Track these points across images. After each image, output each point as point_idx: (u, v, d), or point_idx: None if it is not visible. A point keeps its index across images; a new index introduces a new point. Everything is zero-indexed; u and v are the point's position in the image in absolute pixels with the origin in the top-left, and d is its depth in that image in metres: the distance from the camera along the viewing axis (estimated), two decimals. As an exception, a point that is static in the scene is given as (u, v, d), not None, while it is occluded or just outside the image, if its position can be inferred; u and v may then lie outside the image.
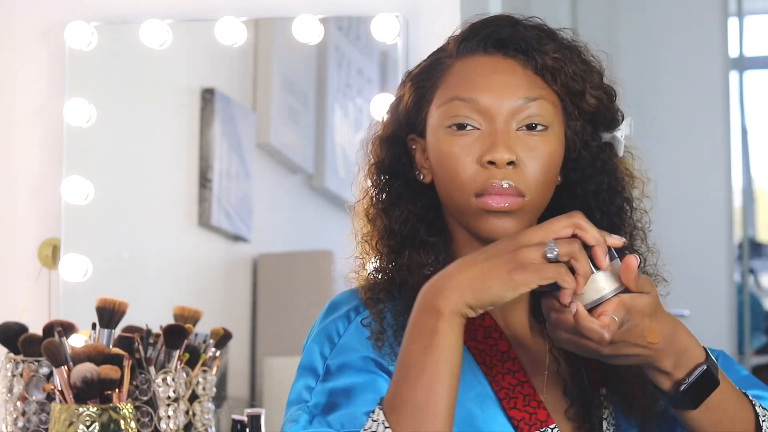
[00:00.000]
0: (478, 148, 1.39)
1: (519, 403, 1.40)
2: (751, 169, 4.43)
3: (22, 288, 2.60)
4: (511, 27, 1.42)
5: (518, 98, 1.39)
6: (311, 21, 2.54)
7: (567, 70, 1.41)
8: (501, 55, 1.41)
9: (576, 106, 1.43)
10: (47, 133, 2.62)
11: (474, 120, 1.39)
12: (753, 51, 4.44)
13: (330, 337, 1.44)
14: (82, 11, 2.62)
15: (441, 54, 1.46)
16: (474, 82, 1.40)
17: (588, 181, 1.46)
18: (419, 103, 1.45)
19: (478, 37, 1.42)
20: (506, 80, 1.40)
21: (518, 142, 1.39)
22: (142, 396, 2.13)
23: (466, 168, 1.39)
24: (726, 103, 4.21)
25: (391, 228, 1.47)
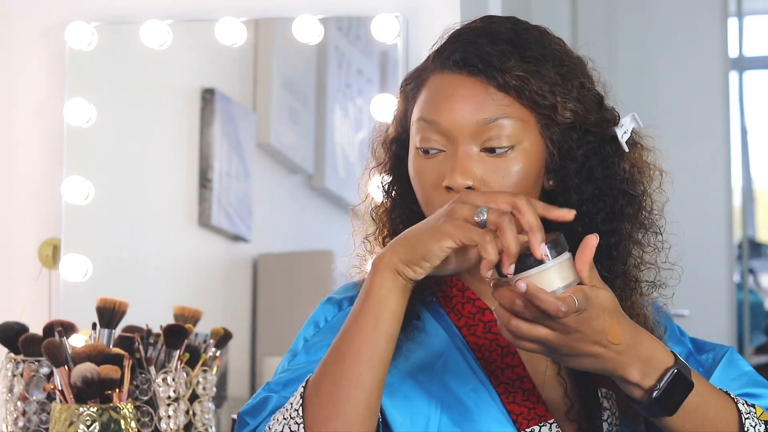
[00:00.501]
0: (441, 171, 1.39)
1: (518, 397, 1.40)
2: (751, 169, 4.44)
3: (23, 288, 2.60)
4: (476, 42, 1.40)
5: (476, 120, 1.38)
6: (311, 21, 2.54)
7: (532, 87, 1.38)
8: (466, 72, 1.40)
9: (549, 119, 1.40)
10: (47, 133, 2.62)
11: (438, 142, 1.40)
12: (753, 51, 4.44)
13: (316, 322, 1.46)
14: (83, 11, 2.62)
15: (427, 61, 1.46)
16: (436, 103, 1.40)
17: (571, 191, 1.43)
18: (406, 113, 1.47)
19: (448, 53, 1.42)
20: (465, 102, 1.39)
21: (480, 163, 1.38)
22: (143, 396, 2.13)
23: (431, 190, 1.40)
24: (726, 103, 4.21)
25: (395, 229, 1.47)
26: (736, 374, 1.48)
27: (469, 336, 1.43)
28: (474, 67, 1.39)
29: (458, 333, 1.44)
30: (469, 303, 1.46)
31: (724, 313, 4.18)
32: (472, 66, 1.39)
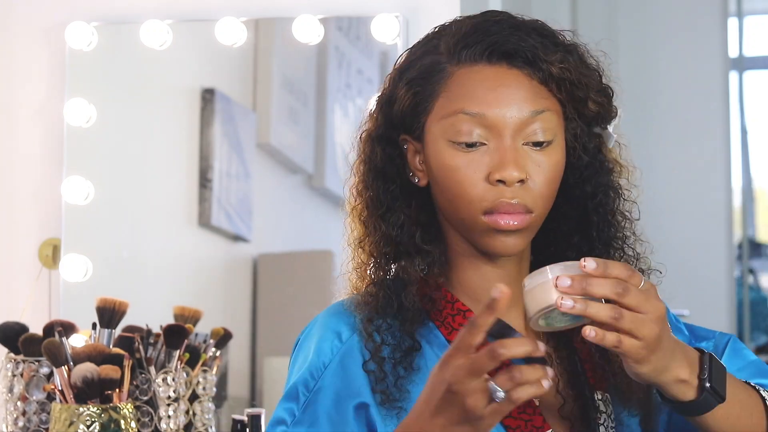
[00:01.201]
0: (486, 164, 1.36)
1: (513, 410, 1.35)
2: (751, 169, 4.43)
3: (23, 288, 2.60)
4: (514, 34, 1.38)
5: (525, 112, 1.36)
6: (311, 21, 2.54)
7: (572, 79, 1.38)
8: (505, 64, 1.37)
9: (578, 112, 1.40)
10: (47, 133, 2.62)
11: (480, 135, 1.36)
12: (753, 51, 4.43)
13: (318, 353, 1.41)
14: (83, 11, 2.62)
15: (436, 56, 1.40)
16: (480, 96, 1.36)
17: (586, 183, 1.44)
18: (416, 109, 1.41)
19: (481, 46, 1.37)
20: (513, 93, 1.36)
21: (526, 158, 1.36)
22: (143, 396, 2.13)
23: (473, 185, 1.36)
24: (726, 103, 4.21)
25: (388, 234, 1.43)
26: (742, 364, 1.48)
27: None
28: (518, 59, 1.37)
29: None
30: (459, 315, 1.43)
31: (724, 313, 4.18)
32: (517, 57, 1.36)
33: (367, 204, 1.45)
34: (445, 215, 1.42)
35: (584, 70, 1.40)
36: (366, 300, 1.42)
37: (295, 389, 1.40)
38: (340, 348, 1.40)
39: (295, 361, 1.45)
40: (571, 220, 1.44)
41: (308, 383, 1.39)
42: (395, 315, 1.40)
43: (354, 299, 1.44)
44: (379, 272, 1.43)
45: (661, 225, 3.80)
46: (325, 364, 1.39)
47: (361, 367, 1.38)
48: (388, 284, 1.42)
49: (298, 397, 1.39)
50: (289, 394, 1.40)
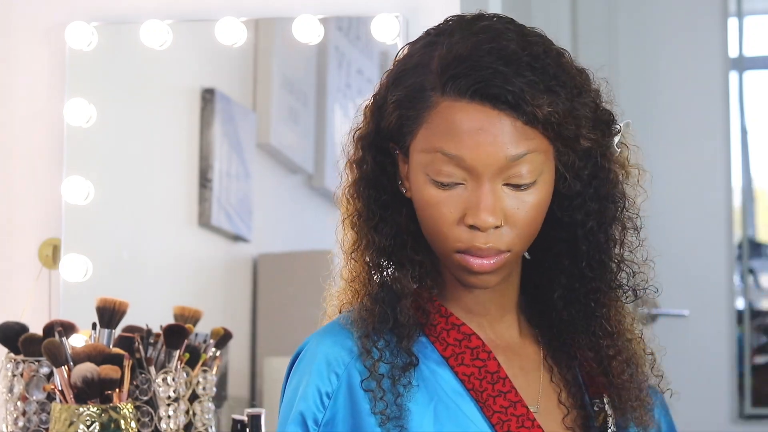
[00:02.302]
0: (462, 204, 1.33)
1: (512, 425, 1.36)
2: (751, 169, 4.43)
3: (23, 288, 2.60)
4: (501, 73, 1.30)
5: (506, 157, 1.30)
6: (311, 21, 2.54)
7: (560, 121, 1.32)
8: (489, 105, 1.30)
9: (569, 147, 1.35)
10: (47, 133, 2.62)
11: (457, 176, 1.32)
12: (753, 51, 4.43)
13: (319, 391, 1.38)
14: (83, 11, 2.62)
15: (426, 75, 1.34)
16: (460, 138, 1.30)
17: (576, 211, 1.41)
18: (401, 130, 1.36)
19: (467, 81, 1.31)
20: (494, 138, 1.30)
21: (504, 199, 1.32)
22: (143, 396, 2.13)
23: (449, 225, 1.33)
24: (726, 103, 4.21)
25: (381, 245, 1.40)
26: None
27: (457, 366, 1.38)
28: (501, 102, 1.30)
29: (446, 364, 1.39)
30: (454, 329, 1.40)
31: (723, 313, 4.18)
32: (500, 101, 1.30)
33: (360, 213, 1.41)
34: (425, 237, 1.39)
35: (577, 108, 1.34)
36: (362, 315, 1.39)
37: (301, 417, 1.37)
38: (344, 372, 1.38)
39: (291, 384, 1.42)
40: (561, 244, 1.42)
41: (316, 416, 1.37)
42: (391, 330, 1.37)
43: (350, 315, 1.40)
44: (372, 285, 1.40)
45: (661, 225, 3.80)
46: (330, 394, 1.37)
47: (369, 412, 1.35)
48: (383, 298, 1.38)
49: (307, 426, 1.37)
50: (296, 421, 1.37)
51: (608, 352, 1.44)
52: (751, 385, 4.26)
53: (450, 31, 1.37)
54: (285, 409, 1.42)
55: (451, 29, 1.37)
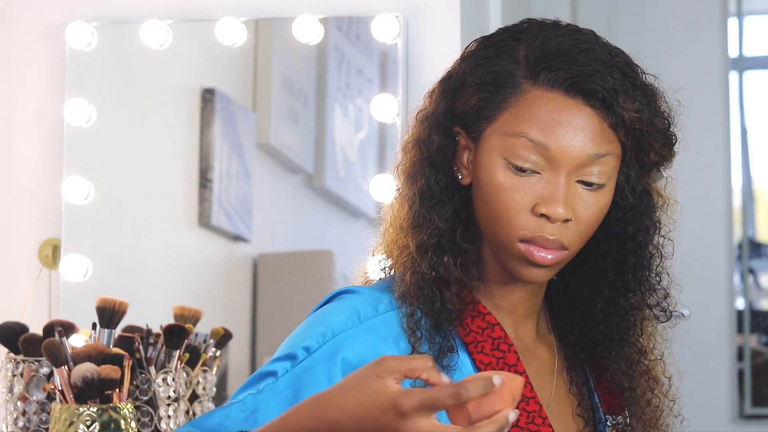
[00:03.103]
0: (536, 193, 1.34)
1: (521, 420, 1.37)
2: (751, 169, 4.43)
3: (23, 288, 2.60)
4: (599, 71, 1.34)
5: (588, 154, 1.33)
6: (311, 21, 2.54)
7: (642, 129, 1.35)
8: (581, 100, 1.33)
9: (637, 159, 1.39)
10: (47, 133, 2.62)
11: (537, 164, 1.33)
12: (753, 51, 4.43)
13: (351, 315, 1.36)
14: (83, 11, 2.62)
15: (514, 64, 1.36)
16: (548, 127, 1.33)
17: (628, 224, 1.43)
18: (480, 113, 1.37)
19: (563, 74, 1.34)
20: (581, 133, 1.33)
21: (576, 197, 1.34)
22: (143, 396, 2.13)
23: (517, 210, 1.34)
24: (726, 103, 4.21)
25: (437, 227, 1.39)
26: None
27: (476, 353, 1.39)
28: (594, 99, 1.33)
29: (465, 349, 1.39)
30: (479, 317, 1.40)
31: (723, 313, 4.18)
32: (594, 97, 1.33)
33: (420, 193, 1.40)
34: (481, 226, 1.40)
35: (656, 121, 1.37)
36: (410, 292, 1.38)
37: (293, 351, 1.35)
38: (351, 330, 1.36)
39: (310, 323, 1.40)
40: (608, 257, 1.44)
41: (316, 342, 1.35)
42: (436, 314, 1.37)
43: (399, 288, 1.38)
44: (422, 264, 1.38)
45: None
46: (326, 337, 1.35)
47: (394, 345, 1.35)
48: (431, 279, 1.38)
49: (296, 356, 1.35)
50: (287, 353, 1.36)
51: (639, 367, 1.46)
52: (751, 385, 4.26)
53: (534, 29, 1.39)
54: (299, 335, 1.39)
55: (536, 28, 1.39)
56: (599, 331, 1.46)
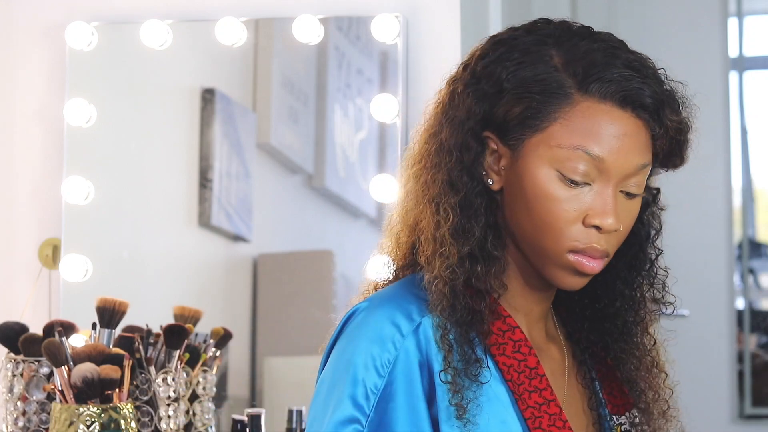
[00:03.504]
0: (585, 205, 1.34)
1: (544, 422, 1.37)
2: (751, 169, 4.43)
3: (23, 288, 2.60)
4: (647, 82, 1.35)
5: (636, 165, 1.35)
6: (311, 21, 2.54)
7: (679, 139, 1.37)
8: (631, 111, 1.34)
9: (662, 164, 1.41)
10: (47, 133, 2.62)
11: (588, 176, 1.34)
12: (753, 51, 4.43)
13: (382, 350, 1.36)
14: (82, 11, 2.62)
15: (554, 72, 1.35)
16: (604, 140, 1.33)
17: (644, 221, 1.46)
18: (524, 122, 1.35)
19: (616, 86, 1.34)
20: (632, 145, 1.34)
21: (621, 207, 1.36)
22: (143, 396, 2.13)
23: (568, 222, 1.34)
24: (726, 103, 4.21)
25: (475, 235, 1.37)
26: None
27: (499, 356, 1.38)
28: (644, 110, 1.34)
29: (487, 351, 1.38)
30: (500, 319, 1.39)
31: (723, 313, 4.18)
32: (644, 109, 1.34)
33: (462, 203, 1.38)
34: (517, 233, 1.39)
35: (687, 130, 1.39)
36: (443, 302, 1.36)
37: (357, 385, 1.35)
38: (402, 342, 1.36)
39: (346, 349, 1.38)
40: (624, 254, 1.45)
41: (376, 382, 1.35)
42: (468, 324, 1.36)
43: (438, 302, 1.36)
44: (460, 275, 1.36)
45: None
46: (390, 361, 1.35)
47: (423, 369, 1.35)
48: (461, 291, 1.36)
49: (366, 396, 1.34)
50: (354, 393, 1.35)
51: (646, 361, 1.48)
52: (751, 385, 4.26)
53: (561, 34, 1.39)
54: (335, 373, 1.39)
55: (563, 32, 1.39)
56: (614, 326, 1.47)
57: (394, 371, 1.35)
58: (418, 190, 1.42)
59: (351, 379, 1.35)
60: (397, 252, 1.47)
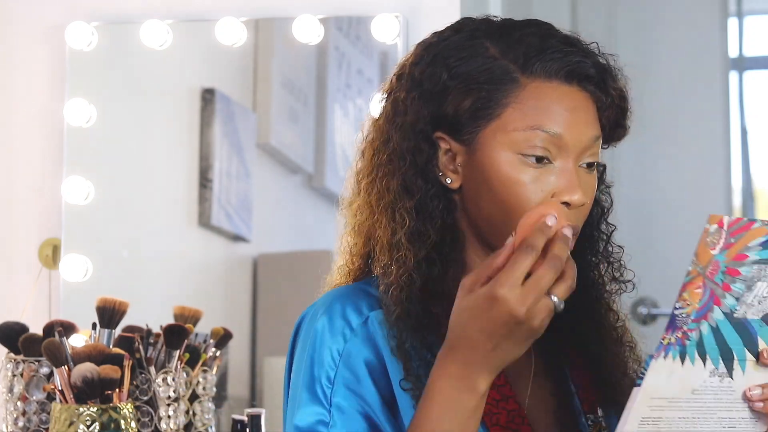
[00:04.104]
0: (551, 183, 1.34)
1: (502, 419, 1.36)
2: (751, 169, 4.43)
3: (23, 288, 2.60)
4: (587, 57, 1.37)
5: (591, 137, 1.36)
6: (311, 21, 2.54)
7: (623, 105, 1.40)
8: (577, 85, 1.36)
9: (612, 136, 1.42)
10: (47, 133, 2.62)
11: (550, 154, 1.34)
12: (753, 51, 4.42)
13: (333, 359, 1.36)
14: (83, 11, 2.62)
15: (495, 60, 1.36)
16: (558, 117, 1.34)
17: (598, 201, 1.46)
18: (476, 113, 1.35)
19: (558, 63, 1.35)
20: (584, 118, 1.36)
21: (582, 180, 1.36)
22: (143, 396, 2.13)
23: (537, 203, 1.34)
24: (726, 103, 4.20)
25: (431, 238, 1.37)
26: None
27: None
28: (589, 83, 1.36)
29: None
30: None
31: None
32: (590, 82, 1.36)
33: (417, 207, 1.38)
34: (485, 227, 1.38)
35: (627, 98, 1.41)
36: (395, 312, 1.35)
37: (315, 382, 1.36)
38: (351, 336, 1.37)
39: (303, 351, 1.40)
40: (581, 239, 1.42)
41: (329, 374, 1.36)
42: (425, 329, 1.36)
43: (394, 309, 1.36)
44: (417, 281, 1.36)
45: (661, 225, 3.80)
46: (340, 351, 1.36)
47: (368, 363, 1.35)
48: (417, 296, 1.36)
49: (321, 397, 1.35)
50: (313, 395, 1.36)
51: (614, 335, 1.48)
52: (751, 385, 4.25)
53: (487, 27, 1.40)
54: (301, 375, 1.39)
55: (488, 25, 1.40)
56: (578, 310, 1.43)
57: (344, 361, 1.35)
58: (371, 201, 1.41)
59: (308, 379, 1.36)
60: (353, 262, 1.47)
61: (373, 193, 1.41)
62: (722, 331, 1.26)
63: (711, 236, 1.22)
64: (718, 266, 1.23)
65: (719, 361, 1.27)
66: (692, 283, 1.23)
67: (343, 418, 1.33)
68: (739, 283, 1.24)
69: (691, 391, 1.26)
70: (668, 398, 1.26)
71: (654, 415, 1.26)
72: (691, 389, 1.26)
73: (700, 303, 1.24)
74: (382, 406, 1.34)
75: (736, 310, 1.26)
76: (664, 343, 1.24)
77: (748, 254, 1.24)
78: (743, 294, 1.26)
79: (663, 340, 1.24)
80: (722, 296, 1.25)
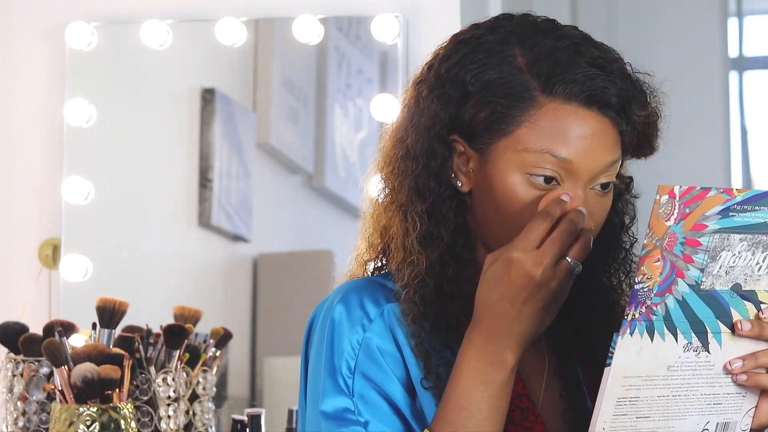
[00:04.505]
0: None
1: (516, 416, 1.36)
2: (751, 169, 4.43)
3: (23, 288, 2.60)
4: (611, 80, 1.33)
5: (604, 164, 1.34)
6: (311, 21, 2.54)
7: (649, 134, 1.37)
8: (597, 110, 1.33)
9: (633, 155, 1.40)
10: (47, 133, 2.62)
11: (559, 176, 1.32)
12: (753, 51, 4.42)
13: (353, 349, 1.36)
14: (83, 11, 2.62)
15: (518, 73, 1.34)
16: (571, 141, 1.32)
17: (619, 213, 1.45)
18: (491, 126, 1.34)
19: (579, 87, 1.32)
20: (600, 144, 1.33)
21: (590, 203, 1.34)
22: (143, 396, 2.13)
23: None
24: (726, 103, 4.20)
25: (444, 240, 1.37)
26: None
27: None
28: (610, 109, 1.33)
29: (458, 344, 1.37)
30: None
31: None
32: (610, 108, 1.33)
33: (430, 210, 1.38)
34: (488, 235, 1.38)
35: (658, 122, 1.39)
36: (410, 310, 1.35)
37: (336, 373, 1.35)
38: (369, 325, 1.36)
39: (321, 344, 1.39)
40: (600, 247, 1.41)
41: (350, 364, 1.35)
42: (445, 330, 1.36)
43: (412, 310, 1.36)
44: (430, 282, 1.36)
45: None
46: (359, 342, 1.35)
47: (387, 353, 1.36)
48: (431, 298, 1.36)
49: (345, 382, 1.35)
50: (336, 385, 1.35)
51: None
52: (751, 385, 4.25)
53: (523, 30, 1.37)
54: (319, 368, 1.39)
55: (525, 28, 1.37)
56: (594, 315, 1.44)
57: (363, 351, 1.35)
58: (387, 195, 1.41)
59: (330, 368, 1.35)
60: (370, 253, 1.47)
61: (389, 187, 1.41)
62: (690, 303, 1.24)
63: (663, 207, 1.20)
64: (676, 237, 1.21)
65: (691, 335, 1.24)
66: (649, 256, 1.21)
67: (367, 408, 1.33)
68: (701, 254, 1.22)
69: (666, 368, 1.24)
70: (642, 376, 1.24)
71: (630, 395, 1.24)
72: (666, 366, 1.24)
73: (662, 276, 1.22)
74: (404, 394, 1.34)
75: (702, 282, 1.24)
76: (627, 319, 1.22)
77: (707, 224, 1.21)
78: (707, 265, 1.23)
79: (626, 316, 1.22)
80: (685, 268, 1.23)
